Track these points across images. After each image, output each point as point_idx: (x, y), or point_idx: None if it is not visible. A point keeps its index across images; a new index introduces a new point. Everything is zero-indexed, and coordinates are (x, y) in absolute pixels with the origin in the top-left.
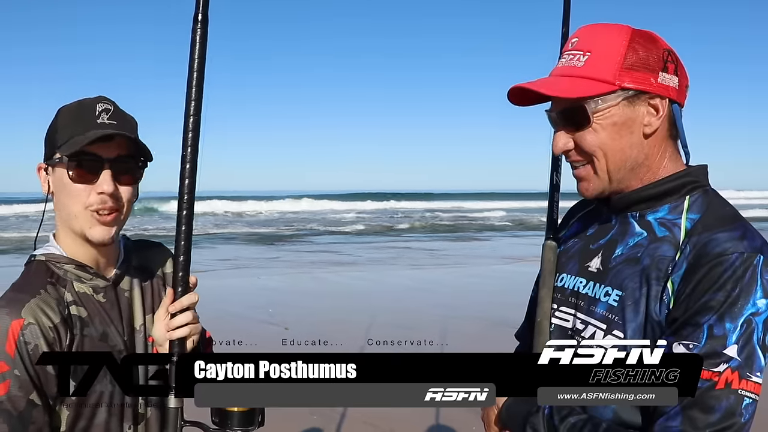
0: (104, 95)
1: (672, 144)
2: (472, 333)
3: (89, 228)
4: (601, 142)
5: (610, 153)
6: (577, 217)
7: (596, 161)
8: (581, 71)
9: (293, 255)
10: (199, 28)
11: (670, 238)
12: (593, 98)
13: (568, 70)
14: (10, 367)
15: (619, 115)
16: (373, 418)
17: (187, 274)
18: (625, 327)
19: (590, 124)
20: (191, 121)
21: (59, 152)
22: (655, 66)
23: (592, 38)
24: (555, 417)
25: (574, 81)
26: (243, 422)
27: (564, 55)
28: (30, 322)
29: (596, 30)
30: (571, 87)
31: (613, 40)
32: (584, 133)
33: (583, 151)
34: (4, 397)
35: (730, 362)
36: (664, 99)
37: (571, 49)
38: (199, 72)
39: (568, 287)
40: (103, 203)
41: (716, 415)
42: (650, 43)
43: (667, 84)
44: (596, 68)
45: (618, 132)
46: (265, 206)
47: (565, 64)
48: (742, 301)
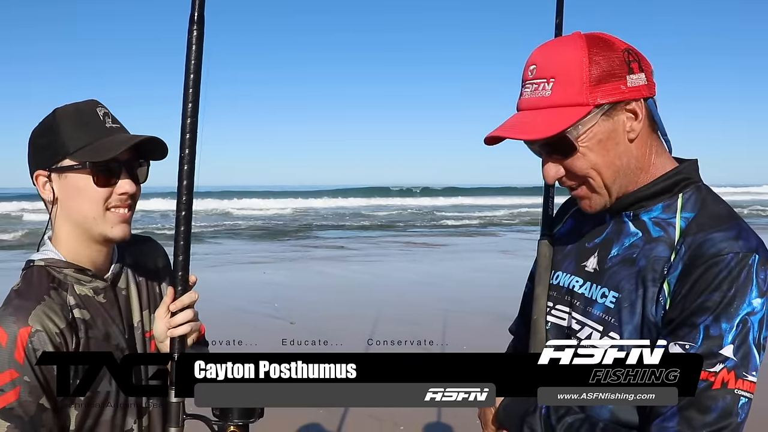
0: (95, 98)
1: (655, 137)
2: (477, 327)
3: (111, 228)
4: (592, 163)
5: (603, 170)
6: (571, 212)
7: (592, 181)
8: (551, 101)
9: (298, 250)
10: (195, 28)
11: (665, 238)
12: (573, 126)
13: (536, 102)
14: (20, 374)
15: (601, 131)
16: (377, 411)
17: (187, 272)
18: (622, 329)
19: (577, 150)
20: (189, 123)
21: (72, 158)
22: (620, 72)
23: (549, 61)
24: (552, 417)
25: (547, 114)
26: (243, 415)
27: (527, 85)
28: (37, 329)
29: (551, 51)
30: (548, 123)
31: (572, 58)
32: (573, 159)
33: (576, 176)
34: (15, 402)
35: (726, 362)
36: (639, 100)
37: (532, 78)
38: (195, 73)
39: (564, 285)
40: (123, 203)
41: (713, 415)
42: (607, 49)
43: (637, 84)
44: (565, 94)
45: (605, 148)
46: (269, 202)
47: (530, 95)
48: (737, 301)
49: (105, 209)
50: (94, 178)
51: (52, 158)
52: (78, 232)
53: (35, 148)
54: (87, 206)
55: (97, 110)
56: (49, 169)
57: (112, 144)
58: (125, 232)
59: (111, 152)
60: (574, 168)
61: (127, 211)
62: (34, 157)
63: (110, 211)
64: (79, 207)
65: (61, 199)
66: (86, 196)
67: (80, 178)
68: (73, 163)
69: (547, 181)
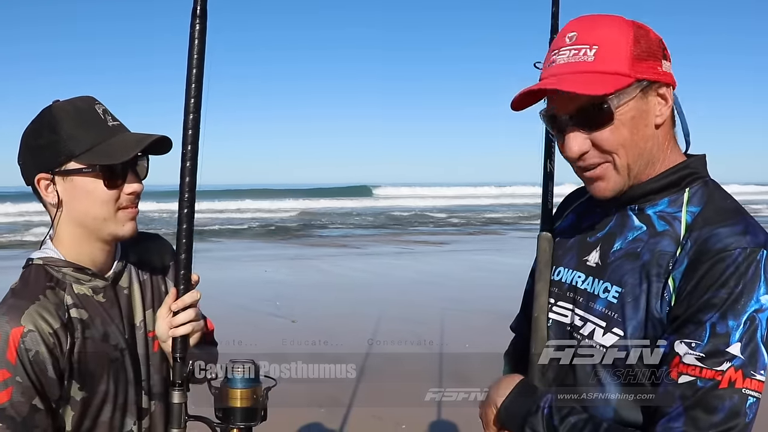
0: (90, 95)
1: (672, 132)
2: (479, 326)
3: (121, 227)
4: (623, 139)
5: (630, 148)
6: (573, 207)
7: (617, 158)
8: (593, 66)
9: (299, 248)
10: (197, 23)
11: (671, 232)
12: (614, 94)
13: (576, 66)
14: (11, 374)
15: (636, 108)
16: (379, 411)
17: (189, 271)
18: (625, 324)
19: (613, 121)
20: (191, 119)
21: (79, 161)
22: (657, 54)
23: (593, 31)
24: (554, 417)
25: (590, 77)
26: (246, 418)
27: (562, 51)
28: (30, 329)
29: (595, 22)
30: (591, 83)
31: (618, 31)
32: (604, 131)
33: (604, 151)
34: (7, 403)
35: (734, 361)
36: (669, 87)
37: (571, 44)
38: (198, 68)
39: (566, 281)
40: (132, 202)
41: (720, 415)
42: (647, 33)
43: (669, 72)
44: (610, 61)
45: (636, 126)
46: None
47: (569, 59)
48: (745, 297)
49: (116, 210)
50: (105, 181)
51: (54, 160)
52: (82, 232)
53: (32, 149)
54: (98, 208)
55: (95, 108)
56: (52, 172)
57: (121, 146)
58: (134, 229)
59: (123, 156)
60: (604, 142)
61: (135, 209)
62: (32, 159)
63: (121, 211)
64: (87, 209)
65: (66, 202)
66: (96, 199)
67: (89, 181)
68: (80, 166)
69: (569, 155)
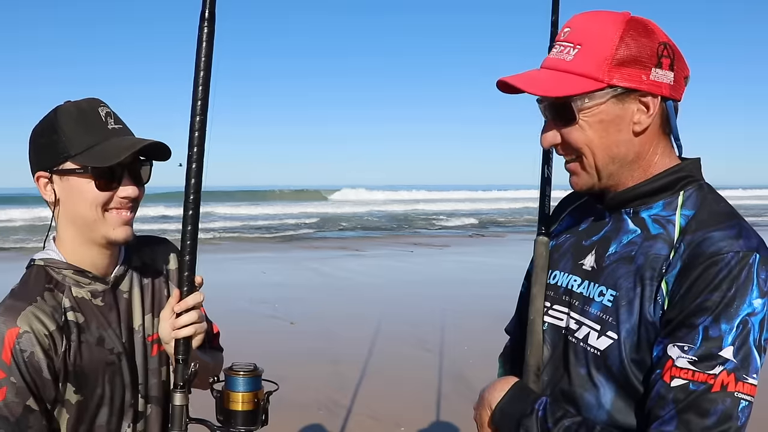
0: (96, 97)
1: (665, 139)
2: (478, 329)
3: (113, 230)
4: (588, 140)
5: (597, 150)
6: (568, 211)
7: (584, 158)
8: (569, 66)
9: (298, 250)
10: (205, 26)
11: (664, 235)
12: (579, 96)
13: (556, 63)
14: (6, 374)
15: (606, 112)
16: (377, 412)
17: (193, 273)
18: (619, 328)
19: (576, 121)
20: (197, 121)
21: (74, 161)
22: (647, 62)
23: (584, 29)
24: (549, 419)
25: (560, 77)
26: (247, 421)
27: (555, 46)
28: (25, 331)
29: (589, 20)
30: (555, 84)
31: (605, 33)
32: (571, 129)
33: (570, 148)
34: (1, 403)
35: (726, 364)
36: (656, 97)
37: (562, 39)
38: (205, 71)
39: (562, 285)
40: (125, 205)
41: (712, 419)
42: (645, 36)
43: (660, 81)
44: (585, 64)
45: (605, 130)
46: (268, 202)
47: (554, 56)
48: (737, 301)
49: (104, 211)
50: (96, 182)
51: (53, 159)
52: (80, 234)
53: (36, 148)
54: (86, 209)
55: (99, 110)
56: (50, 171)
57: (114, 149)
58: (127, 234)
59: (113, 158)
60: (569, 139)
61: (128, 213)
62: (35, 157)
63: (109, 212)
64: (78, 209)
65: (62, 201)
66: (86, 200)
67: (82, 181)
68: (75, 167)
69: (543, 145)
